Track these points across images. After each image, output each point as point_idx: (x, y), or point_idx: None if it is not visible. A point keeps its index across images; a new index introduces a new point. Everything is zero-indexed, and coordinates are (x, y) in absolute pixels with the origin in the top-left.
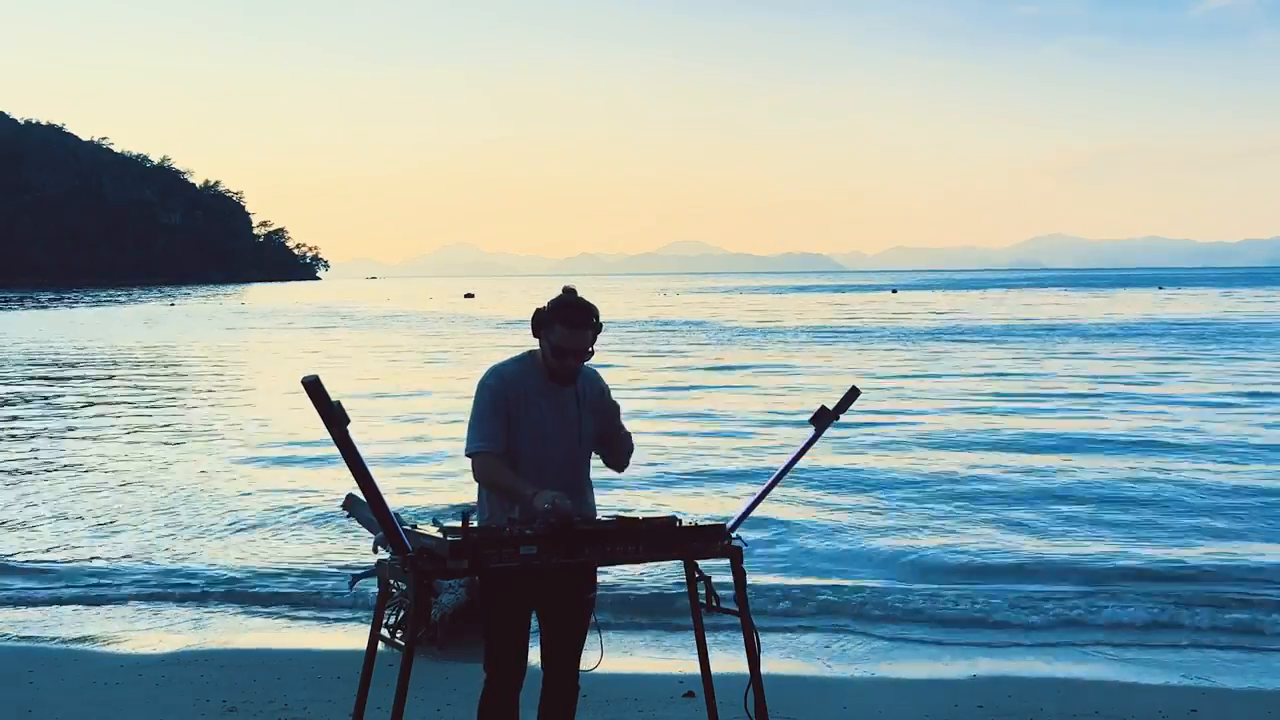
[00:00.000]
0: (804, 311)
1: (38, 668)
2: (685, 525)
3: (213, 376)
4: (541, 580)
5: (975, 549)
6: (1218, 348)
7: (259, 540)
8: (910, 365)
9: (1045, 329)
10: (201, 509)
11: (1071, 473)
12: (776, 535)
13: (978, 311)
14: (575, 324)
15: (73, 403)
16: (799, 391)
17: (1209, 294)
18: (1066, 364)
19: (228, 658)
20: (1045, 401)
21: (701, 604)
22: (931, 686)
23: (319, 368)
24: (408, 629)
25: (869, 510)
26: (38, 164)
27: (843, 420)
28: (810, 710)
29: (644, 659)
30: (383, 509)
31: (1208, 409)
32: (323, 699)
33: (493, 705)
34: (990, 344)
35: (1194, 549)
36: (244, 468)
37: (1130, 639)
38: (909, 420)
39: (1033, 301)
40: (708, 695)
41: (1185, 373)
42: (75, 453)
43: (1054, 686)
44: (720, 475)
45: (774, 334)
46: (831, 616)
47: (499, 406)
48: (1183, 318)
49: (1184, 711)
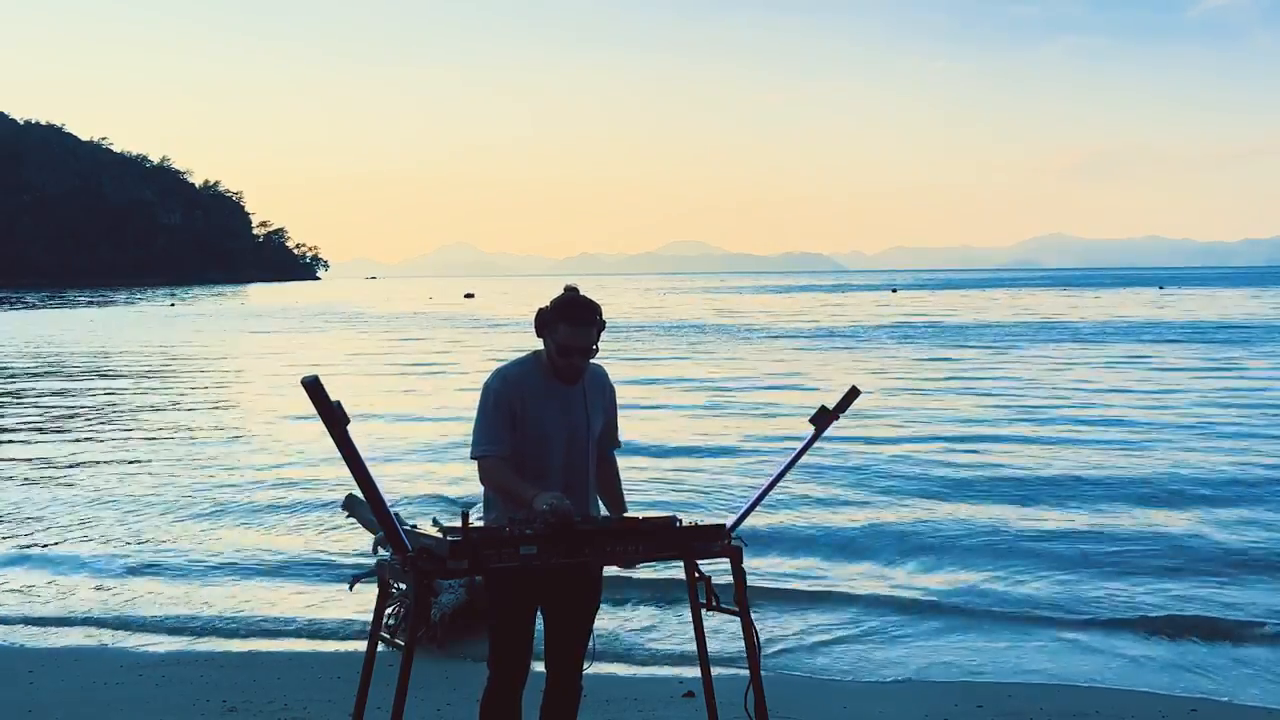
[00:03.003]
0: (804, 311)
1: (38, 668)
2: (685, 525)
3: (215, 376)
4: (547, 580)
5: (976, 550)
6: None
7: (259, 540)
8: (911, 364)
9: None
10: (201, 509)
11: (1075, 474)
12: (776, 534)
13: (999, 310)
14: (579, 321)
15: (72, 402)
16: (799, 391)
17: (1228, 294)
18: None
19: (228, 658)
20: (1051, 402)
21: (701, 604)
22: (931, 686)
23: (348, 365)
24: (408, 629)
25: (869, 511)
26: (38, 164)
27: (842, 419)
28: (810, 710)
29: (644, 659)
30: (383, 509)
31: (1206, 395)
32: (323, 699)
33: (496, 705)
34: (994, 343)
35: (1194, 550)
36: (244, 468)
37: (1130, 639)
38: (909, 419)
39: (1041, 300)
40: (708, 695)
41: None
42: (76, 453)
43: (1054, 687)
44: (720, 475)
45: (775, 333)
46: (831, 617)
47: (503, 409)
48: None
49: (1184, 711)
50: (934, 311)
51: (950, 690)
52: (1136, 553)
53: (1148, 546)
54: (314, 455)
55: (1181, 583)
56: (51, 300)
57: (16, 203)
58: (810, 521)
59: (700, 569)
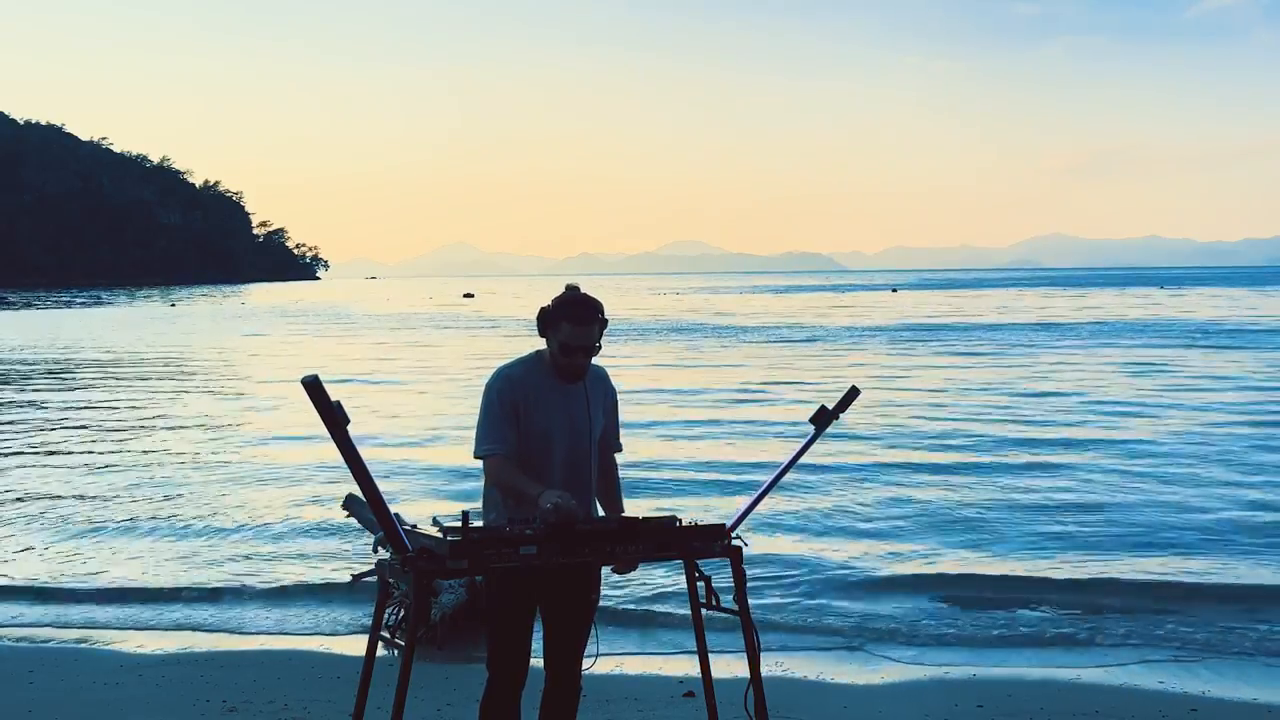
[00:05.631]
0: (804, 311)
1: (38, 668)
2: (685, 525)
3: (219, 376)
4: (546, 580)
5: (976, 550)
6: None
7: (259, 540)
8: (909, 365)
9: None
10: (200, 509)
11: (1075, 474)
12: (776, 534)
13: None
14: (581, 320)
15: (70, 403)
16: (799, 390)
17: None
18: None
19: (228, 658)
20: (1052, 407)
21: (701, 603)
22: (931, 686)
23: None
24: (408, 629)
25: (870, 509)
26: (38, 164)
27: (842, 418)
28: (810, 710)
29: (644, 659)
30: (383, 509)
31: (1159, 407)
32: (323, 699)
33: (495, 705)
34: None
35: (1195, 550)
36: (244, 467)
37: (1131, 639)
38: (909, 417)
39: (1047, 300)
40: (708, 695)
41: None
42: (73, 453)
43: (1054, 687)
44: (720, 475)
45: (773, 334)
46: (832, 614)
47: (506, 408)
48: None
49: (1184, 711)
50: (934, 312)
51: (950, 690)
52: (1136, 553)
53: (1148, 547)
54: (314, 454)
55: (1182, 583)
56: (30, 303)
57: (16, 203)
58: (810, 521)
59: (700, 569)
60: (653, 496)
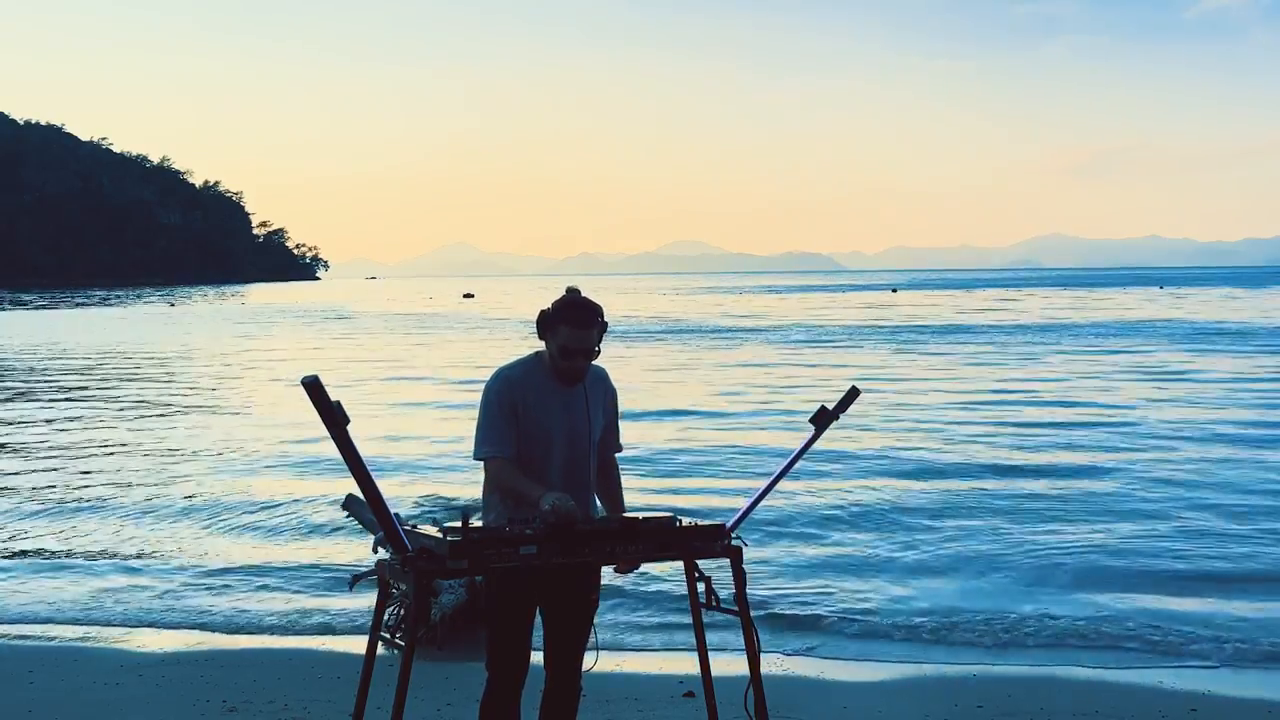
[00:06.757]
0: (804, 310)
1: (38, 668)
2: (685, 525)
3: (214, 375)
4: (546, 580)
5: (976, 551)
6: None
7: (259, 540)
8: (911, 364)
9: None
10: (200, 509)
11: (1075, 474)
12: (776, 533)
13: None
14: (581, 324)
15: (70, 401)
16: (800, 390)
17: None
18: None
19: (228, 658)
20: (1056, 404)
21: (701, 603)
22: (932, 686)
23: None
24: (408, 629)
25: (869, 509)
26: (37, 164)
27: (842, 419)
28: (810, 710)
29: (644, 659)
30: (383, 509)
31: (1156, 402)
32: (323, 699)
33: (495, 706)
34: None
35: (1195, 550)
36: (243, 467)
37: (1131, 639)
38: (909, 416)
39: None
40: (708, 695)
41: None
42: (74, 454)
43: (1054, 687)
44: (720, 475)
45: (774, 333)
46: (832, 614)
47: (505, 410)
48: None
49: (1184, 711)
50: (935, 312)
51: (950, 690)
52: (1136, 553)
53: (1148, 547)
54: (314, 454)
55: (1181, 583)
56: (51, 301)
57: (16, 203)
58: (809, 522)
59: (700, 569)
60: (652, 497)
